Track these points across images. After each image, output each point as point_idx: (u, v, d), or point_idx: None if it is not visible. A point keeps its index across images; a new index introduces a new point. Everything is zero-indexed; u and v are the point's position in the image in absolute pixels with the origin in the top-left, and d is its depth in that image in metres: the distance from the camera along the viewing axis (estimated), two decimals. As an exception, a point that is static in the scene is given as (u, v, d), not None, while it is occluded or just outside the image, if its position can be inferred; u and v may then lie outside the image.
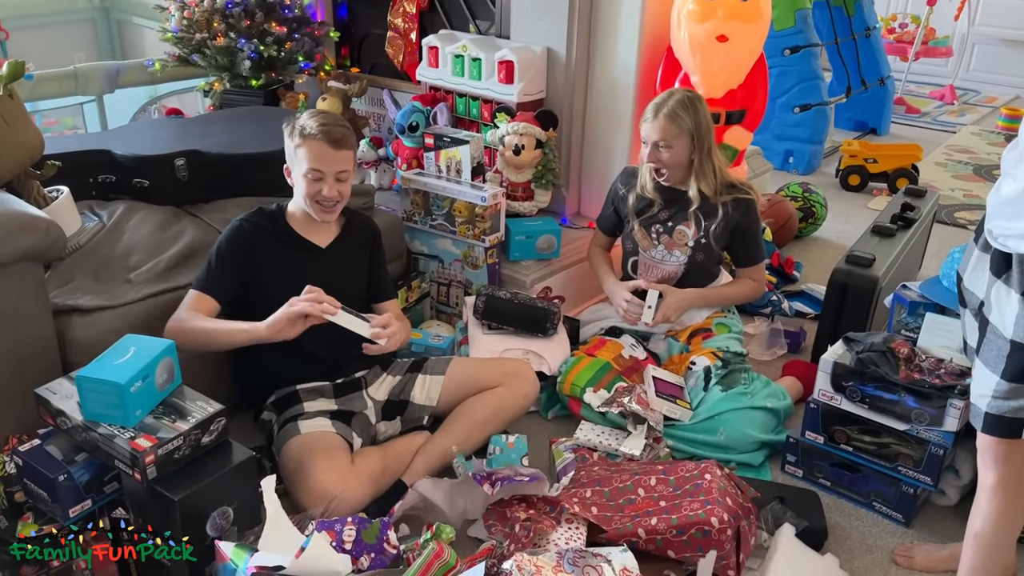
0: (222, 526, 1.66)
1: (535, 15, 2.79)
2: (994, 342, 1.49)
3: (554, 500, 1.80)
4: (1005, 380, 1.47)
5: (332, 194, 1.99)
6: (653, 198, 2.43)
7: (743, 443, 2.17)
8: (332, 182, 1.98)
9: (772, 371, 2.57)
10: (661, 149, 2.33)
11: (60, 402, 1.69)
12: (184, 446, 1.62)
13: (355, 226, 2.17)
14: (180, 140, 2.50)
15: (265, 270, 2.02)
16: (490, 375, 2.15)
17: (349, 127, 2.04)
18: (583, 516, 1.77)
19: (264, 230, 2.05)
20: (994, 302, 1.49)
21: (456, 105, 2.99)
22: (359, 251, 2.18)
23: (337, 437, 1.97)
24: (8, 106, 2.00)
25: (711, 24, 2.57)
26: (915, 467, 1.98)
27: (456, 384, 2.15)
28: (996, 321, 1.49)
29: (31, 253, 1.77)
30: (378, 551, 1.60)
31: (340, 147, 1.97)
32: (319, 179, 1.97)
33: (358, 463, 1.94)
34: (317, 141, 1.95)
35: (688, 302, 2.44)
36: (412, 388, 2.15)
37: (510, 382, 2.14)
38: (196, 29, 3.10)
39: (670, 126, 2.30)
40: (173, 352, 1.71)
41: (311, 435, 1.95)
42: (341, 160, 1.99)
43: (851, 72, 4.94)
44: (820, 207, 3.62)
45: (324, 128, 1.96)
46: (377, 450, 2.05)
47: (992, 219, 1.48)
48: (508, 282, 2.67)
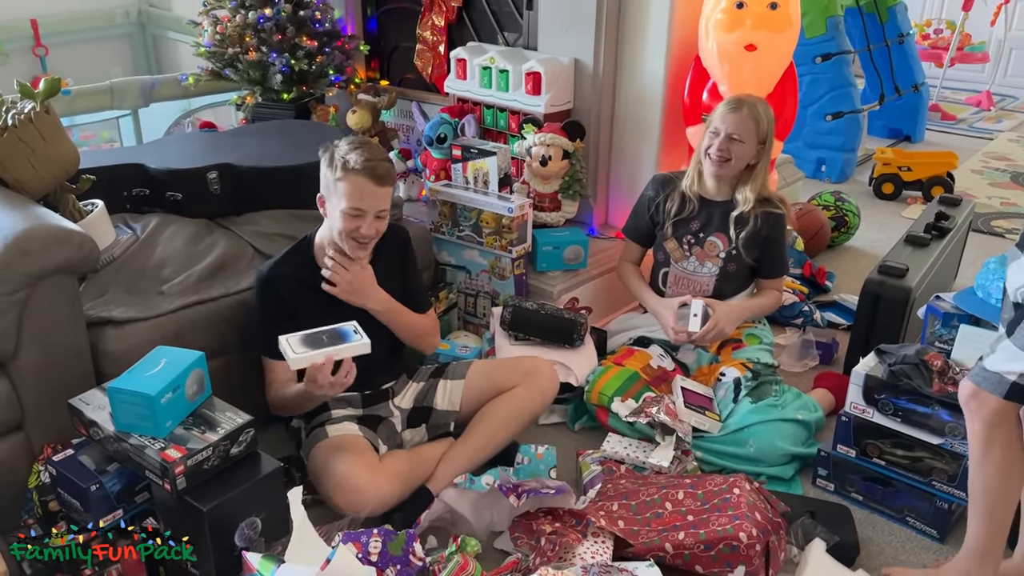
0: (250, 537, 1.67)
1: (563, 27, 2.79)
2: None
3: (580, 513, 1.79)
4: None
5: (371, 232, 1.93)
6: (695, 203, 2.42)
7: (773, 456, 2.14)
8: (372, 220, 1.92)
9: (804, 383, 2.54)
10: (734, 142, 2.32)
11: (93, 413, 1.72)
12: (213, 457, 1.64)
13: (387, 245, 2.08)
14: (212, 154, 2.54)
15: (301, 312, 1.99)
16: (509, 375, 2.14)
17: (391, 160, 1.98)
18: (609, 530, 1.76)
19: (288, 277, 2.01)
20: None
21: (484, 116, 3.00)
22: (394, 268, 2.12)
23: (364, 440, 2.00)
24: (45, 122, 2.05)
25: (739, 33, 2.55)
26: (949, 482, 1.94)
27: (476, 387, 2.14)
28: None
29: (65, 266, 1.80)
30: (404, 563, 1.61)
31: (383, 183, 1.90)
32: (359, 216, 1.90)
33: (385, 462, 1.96)
34: (361, 177, 1.87)
35: (738, 312, 2.42)
36: (435, 394, 2.16)
37: (528, 380, 2.12)
38: (229, 44, 3.15)
39: (750, 123, 2.30)
40: (203, 364, 1.74)
41: (339, 437, 1.98)
42: (383, 197, 1.92)
43: (884, 79, 4.88)
44: (853, 216, 3.57)
45: (369, 164, 1.87)
46: (404, 453, 2.07)
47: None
48: (535, 293, 2.67)
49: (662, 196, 2.47)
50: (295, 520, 1.53)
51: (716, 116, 2.34)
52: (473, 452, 2.06)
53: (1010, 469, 1.64)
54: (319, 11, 3.23)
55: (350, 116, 3.25)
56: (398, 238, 2.17)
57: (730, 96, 2.39)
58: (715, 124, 2.34)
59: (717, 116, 2.34)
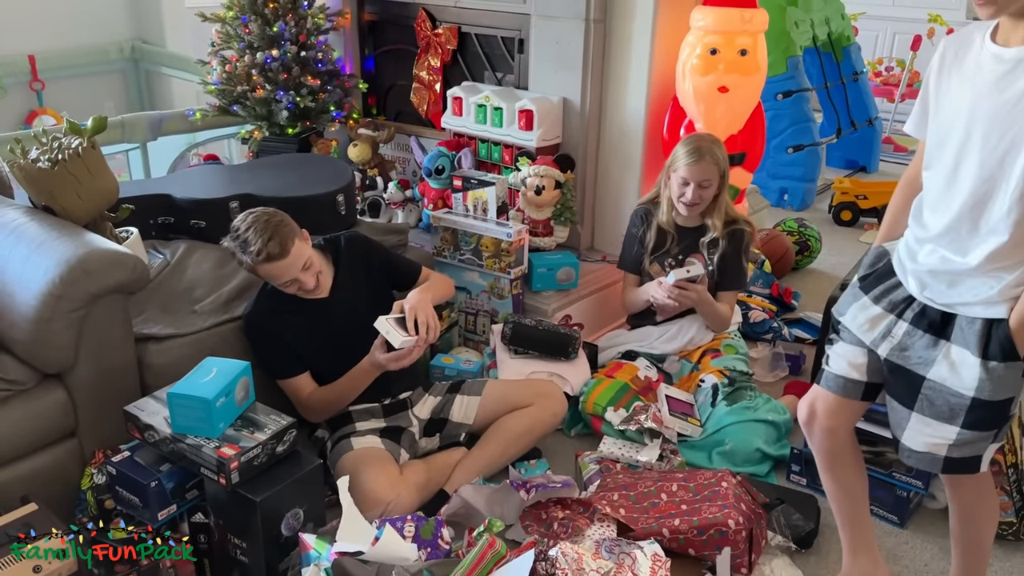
0: (294, 526, 1.86)
1: (552, 68, 3.06)
2: (943, 398, 1.59)
3: (587, 502, 2.01)
4: (966, 430, 1.58)
5: (310, 283, 2.17)
6: (671, 232, 2.67)
7: (747, 452, 2.37)
8: (302, 276, 2.15)
9: (775, 391, 2.79)
10: (704, 188, 2.57)
11: (148, 418, 1.90)
12: (262, 454, 1.84)
13: (344, 254, 2.32)
14: (233, 185, 2.74)
15: (290, 339, 2.23)
16: (522, 395, 2.37)
17: (278, 229, 2.08)
18: (613, 517, 1.97)
19: (267, 310, 2.24)
20: (941, 358, 1.59)
21: (479, 150, 3.24)
22: (358, 274, 2.33)
23: (386, 452, 2.20)
24: (91, 156, 2.24)
25: (713, 77, 2.83)
26: (907, 472, 2.19)
27: (491, 404, 2.36)
28: (946, 379, 1.58)
29: (121, 286, 1.99)
30: (434, 547, 1.81)
31: (284, 256, 2.09)
32: (291, 283, 2.16)
33: (406, 473, 2.17)
34: (264, 264, 2.09)
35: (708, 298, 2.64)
36: (451, 407, 2.37)
37: (540, 402, 2.36)
38: (237, 82, 3.36)
39: (712, 167, 2.55)
40: (249, 372, 1.94)
41: (363, 450, 2.17)
42: (294, 262, 2.12)
43: (841, 114, 5.21)
44: (815, 241, 3.87)
45: (260, 255, 2.06)
46: (421, 463, 2.27)
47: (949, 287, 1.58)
48: (531, 311, 2.89)
49: (642, 229, 2.72)
50: (344, 505, 1.72)
51: (680, 166, 2.57)
52: (488, 461, 2.28)
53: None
54: (321, 52, 3.46)
55: (351, 149, 3.48)
56: (354, 245, 2.36)
57: (687, 143, 2.59)
58: (681, 174, 2.57)
59: (682, 167, 2.56)
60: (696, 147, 2.56)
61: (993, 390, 1.54)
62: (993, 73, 1.48)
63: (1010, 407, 1.59)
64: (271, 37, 3.31)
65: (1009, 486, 2.11)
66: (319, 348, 2.24)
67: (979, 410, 1.56)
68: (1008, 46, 1.47)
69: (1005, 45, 1.47)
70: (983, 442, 1.61)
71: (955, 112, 1.54)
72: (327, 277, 2.29)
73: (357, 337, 2.20)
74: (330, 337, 2.24)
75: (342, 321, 2.25)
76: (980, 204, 1.51)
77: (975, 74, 1.51)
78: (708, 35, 2.83)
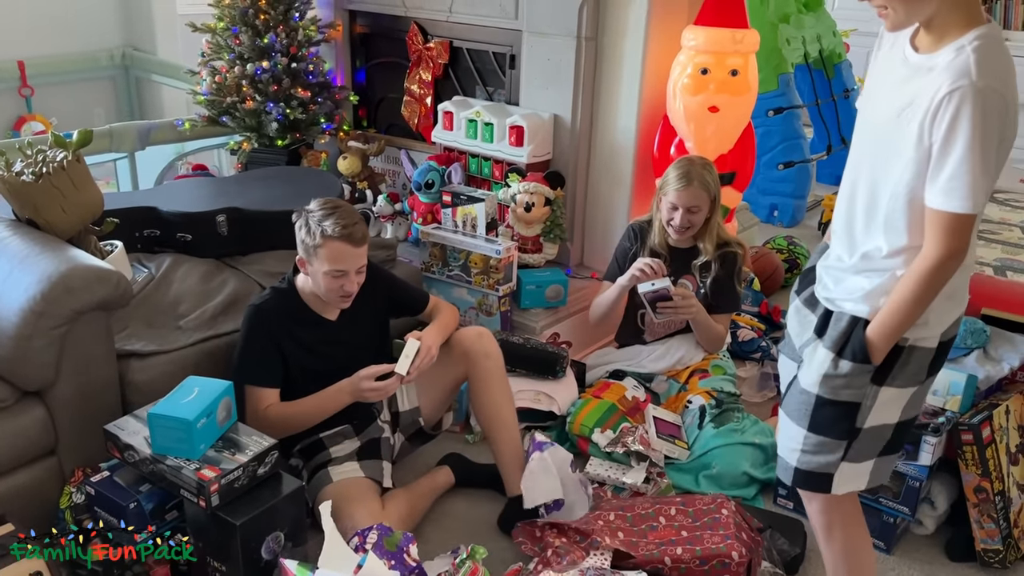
0: (274, 549, 1.84)
1: (543, 85, 3.05)
2: (796, 396, 1.59)
3: (586, 532, 1.97)
4: (812, 433, 1.57)
5: (353, 289, 2.10)
6: (663, 253, 2.66)
7: (734, 476, 2.36)
8: (353, 276, 2.09)
9: (763, 411, 2.78)
10: (693, 213, 2.56)
11: (128, 437, 1.88)
12: (243, 476, 1.81)
13: (366, 286, 2.20)
14: (220, 198, 2.72)
15: (287, 349, 2.15)
16: (453, 346, 2.27)
17: (364, 220, 2.13)
18: (612, 547, 1.92)
19: (279, 311, 2.15)
20: (806, 356, 1.60)
21: (469, 164, 3.23)
22: (366, 306, 2.23)
23: (367, 481, 2.12)
24: (76, 170, 2.22)
25: (703, 96, 2.83)
26: (894, 498, 2.18)
27: (426, 375, 2.20)
28: (802, 374, 1.59)
29: (104, 303, 1.97)
30: (399, 560, 1.75)
31: (360, 244, 2.06)
32: (341, 276, 2.07)
33: (388, 508, 2.08)
34: (340, 242, 2.02)
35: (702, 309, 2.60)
36: (396, 399, 2.32)
37: (475, 345, 2.26)
38: (227, 93, 3.34)
39: (702, 192, 2.54)
40: (231, 392, 1.92)
41: (343, 482, 2.09)
42: (361, 256, 2.09)
43: (831, 131, 5.22)
44: (804, 259, 3.86)
45: (346, 231, 2.02)
46: (404, 492, 2.20)
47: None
48: (519, 328, 2.88)
49: (636, 247, 2.71)
50: (326, 531, 1.70)
51: (670, 191, 2.56)
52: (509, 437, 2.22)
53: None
54: (312, 63, 3.44)
55: (341, 162, 3.46)
56: (376, 278, 2.29)
57: (677, 167, 2.57)
58: (671, 199, 2.56)
59: (671, 192, 2.55)
60: (686, 172, 2.55)
61: (835, 388, 1.54)
62: (896, 74, 1.46)
63: (855, 420, 1.55)
64: (261, 48, 3.30)
65: (995, 513, 2.11)
66: (309, 367, 2.17)
67: (824, 409, 1.55)
68: (918, 51, 1.44)
69: (916, 49, 1.45)
70: (832, 455, 1.57)
71: (863, 104, 1.54)
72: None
73: (350, 363, 2.13)
74: (325, 359, 2.18)
75: (342, 348, 2.20)
76: (866, 204, 1.51)
77: (888, 70, 1.50)
78: (699, 55, 2.83)
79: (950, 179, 1.35)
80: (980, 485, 2.10)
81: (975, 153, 1.32)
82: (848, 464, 1.58)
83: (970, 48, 1.33)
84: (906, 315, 1.46)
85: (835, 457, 1.58)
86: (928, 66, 1.39)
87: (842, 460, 1.58)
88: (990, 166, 1.35)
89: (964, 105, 1.31)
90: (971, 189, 1.35)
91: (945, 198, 1.37)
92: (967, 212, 1.36)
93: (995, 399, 2.23)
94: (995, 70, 1.33)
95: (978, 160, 1.33)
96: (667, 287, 2.51)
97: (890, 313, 1.47)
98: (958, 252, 1.40)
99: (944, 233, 1.39)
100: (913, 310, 1.45)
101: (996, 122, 1.33)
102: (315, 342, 2.18)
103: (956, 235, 1.39)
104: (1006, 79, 1.35)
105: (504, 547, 2.13)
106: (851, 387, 1.53)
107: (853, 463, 1.59)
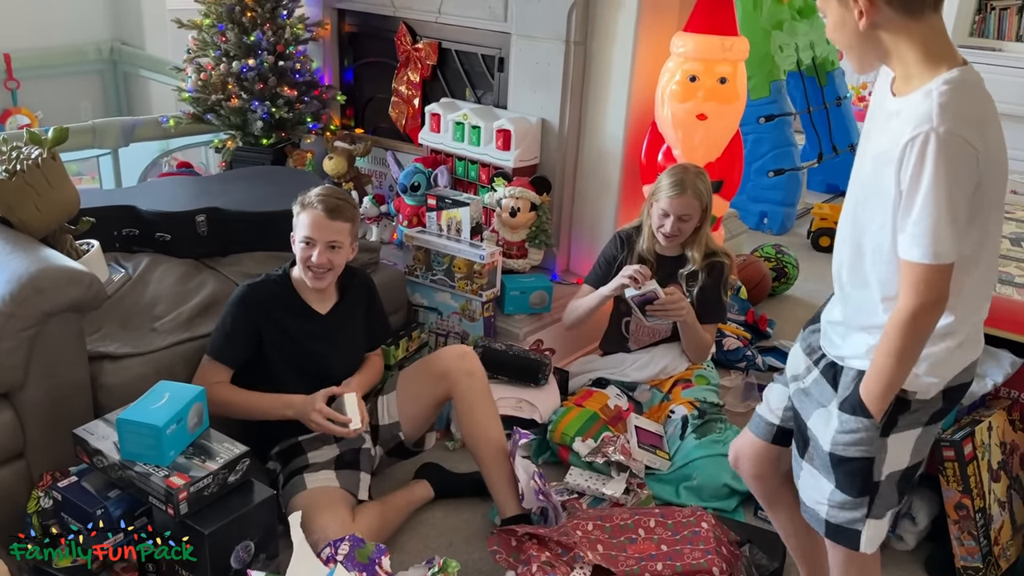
0: (244, 559, 1.81)
1: (531, 89, 3.02)
2: (818, 451, 1.55)
3: (567, 544, 1.93)
4: (839, 491, 1.52)
5: (321, 261, 2.10)
6: (651, 260, 2.63)
7: (715, 487, 2.34)
8: (323, 249, 2.09)
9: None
10: (683, 221, 2.54)
11: (97, 442, 1.85)
12: (213, 484, 1.78)
13: (352, 287, 2.29)
14: (200, 198, 2.68)
15: (268, 335, 2.15)
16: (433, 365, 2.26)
17: (351, 201, 2.18)
18: (593, 561, 1.89)
19: (270, 296, 2.17)
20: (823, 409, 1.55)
21: (456, 168, 3.20)
22: (357, 311, 2.29)
23: (341, 492, 2.08)
24: (51, 168, 2.18)
25: (692, 104, 2.80)
26: (875, 514, 2.16)
27: (409, 391, 2.26)
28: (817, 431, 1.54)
29: (75, 305, 1.93)
30: (370, 572, 1.73)
31: (334, 217, 2.10)
32: (310, 245, 2.10)
33: (359, 520, 2.03)
34: (314, 210, 2.09)
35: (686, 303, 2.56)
36: (377, 412, 2.29)
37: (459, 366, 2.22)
38: (212, 90, 3.31)
39: (694, 201, 2.52)
40: (203, 398, 1.89)
41: (316, 490, 2.05)
42: (335, 230, 2.10)
43: (823, 138, 5.21)
44: (792, 268, 3.85)
45: (322, 198, 2.10)
46: (378, 504, 2.16)
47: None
48: (503, 334, 2.85)
49: (623, 254, 2.68)
50: (295, 542, 1.67)
51: (662, 197, 2.54)
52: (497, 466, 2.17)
53: None
54: (299, 62, 3.40)
55: (327, 162, 3.42)
56: (363, 283, 2.35)
57: (671, 174, 2.55)
58: (662, 206, 2.54)
59: (664, 199, 2.53)
60: (680, 180, 2.52)
61: (845, 444, 1.49)
62: (877, 118, 1.43)
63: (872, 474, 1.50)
64: (248, 46, 3.26)
65: (976, 530, 2.09)
66: (289, 356, 2.16)
67: (842, 467, 1.51)
68: (896, 95, 1.39)
69: (894, 93, 1.40)
70: (857, 511, 1.53)
71: (858, 147, 1.50)
72: (332, 295, 2.25)
73: (333, 362, 2.15)
74: (304, 353, 2.18)
75: (325, 344, 2.20)
76: (851, 253, 1.48)
77: (873, 113, 1.46)
78: (688, 62, 2.81)
79: (913, 227, 1.30)
80: (961, 502, 2.08)
81: (939, 201, 1.26)
82: (873, 521, 1.54)
83: (936, 93, 1.27)
84: (892, 370, 1.40)
85: (860, 514, 1.54)
86: (897, 110, 1.35)
87: (867, 517, 1.54)
88: (958, 214, 1.28)
89: (927, 151, 1.25)
90: (933, 238, 1.28)
91: (909, 248, 1.31)
92: (929, 262, 1.30)
93: (978, 415, 2.21)
94: (963, 115, 1.27)
95: (943, 208, 1.26)
96: (654, 289, 2.49)
97: (876, 370, 1.42)
98: (931, 304, 1.33)
99: (914, 284, 1.33)
100: (897, 365, 1.39)
101: (963, 168, 1.27)
102: (300, 333, 2.18)
103: (927, 286, 1.32)
104: (979, 123, 1.29)
105: (480, 558, 2.10)
106: (860, 441, 1.48)
107: (877, 519, 1.55)
